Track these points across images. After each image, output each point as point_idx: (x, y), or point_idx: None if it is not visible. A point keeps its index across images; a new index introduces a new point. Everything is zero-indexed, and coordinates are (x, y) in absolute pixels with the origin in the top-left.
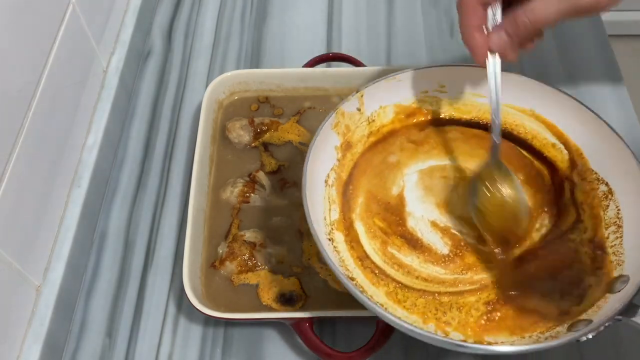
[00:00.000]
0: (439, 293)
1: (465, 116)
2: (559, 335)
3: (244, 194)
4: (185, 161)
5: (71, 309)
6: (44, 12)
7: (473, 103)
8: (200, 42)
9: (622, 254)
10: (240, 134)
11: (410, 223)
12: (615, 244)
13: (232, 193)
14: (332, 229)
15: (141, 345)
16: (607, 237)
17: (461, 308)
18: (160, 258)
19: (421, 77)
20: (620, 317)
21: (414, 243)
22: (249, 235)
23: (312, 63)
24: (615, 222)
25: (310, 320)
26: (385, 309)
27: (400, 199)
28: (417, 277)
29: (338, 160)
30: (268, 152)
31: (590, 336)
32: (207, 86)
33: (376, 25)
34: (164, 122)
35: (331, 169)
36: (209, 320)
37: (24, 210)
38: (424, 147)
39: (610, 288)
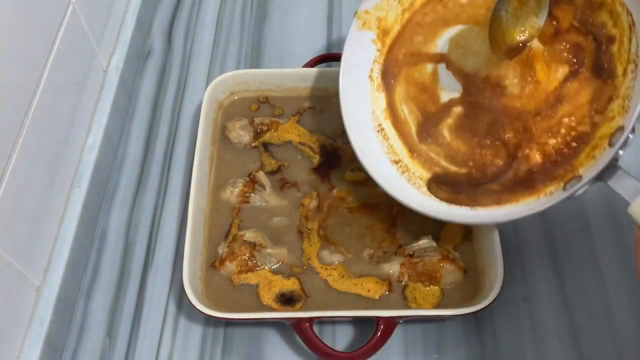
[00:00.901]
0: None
1: None
2: (556, 194)
3: (244, 194)
4: (185, 161)
5: (71, 309)
6: (44, 12)
7: None
8: (200, 42)
9: (631, 99)
10: (240, 134)
11: (444, 98)
12: (630, 87)
13: (232, 193)
14: (382, 119)
15: (141, 345)
16: (626, 76)
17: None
18: (160, 258)
19: None
20: (598, 179)
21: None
22: (249, 235)
23: (312, 63)
24: (634, 60)
25: (310, 320)
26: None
27: (435, 74)
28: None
29: (379, 50)
30: (268, 152)
31: (580, 192)
32: (207, 86)
33: None
34: (164, 122)
35: (374, 62)
36: (209, 320)
37: (24, 210)
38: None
39: (610, 141)
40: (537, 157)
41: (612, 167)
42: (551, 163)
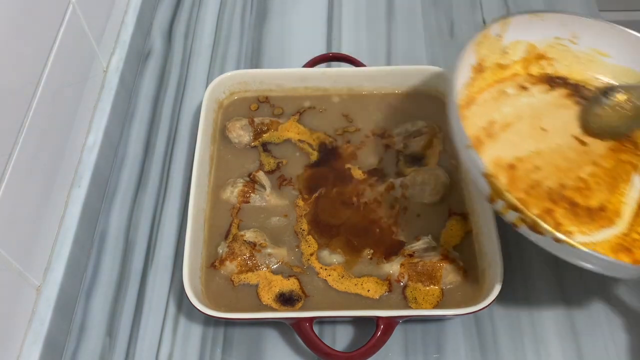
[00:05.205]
0: None
1: (576, 76)
2: None
3: (244, 194)
4: (185, 161)
5: (71, 309)
6: (44, 12)
7: (595, 61)
8: (200, 42)
9: None
10: (240, 134)
11: None
12: None
13: (232, 193)
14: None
15: (141, 345)
16: None
17: None
18: (160, 258)
19: (561, 22)
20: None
21: None
22: (249, 235)
23: (312, 63)
24: None
25: (310, 320)
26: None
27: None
28: None
29: (471, 78)
30: (267, 151)
31: None
32: (207, 86)
33: (376, 25)
34: (164, 122)
35: (462, 86)
36: (209, 320)
37: (24, 210)
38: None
39: None
40: None
41: None
42: None
